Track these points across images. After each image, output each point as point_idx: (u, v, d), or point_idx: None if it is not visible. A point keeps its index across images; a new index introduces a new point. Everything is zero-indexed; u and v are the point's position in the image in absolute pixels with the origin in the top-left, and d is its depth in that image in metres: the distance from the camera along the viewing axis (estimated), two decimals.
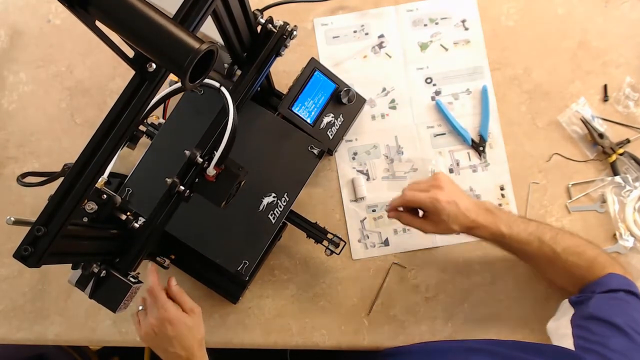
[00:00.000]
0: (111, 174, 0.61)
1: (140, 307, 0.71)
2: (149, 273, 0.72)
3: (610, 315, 0.61)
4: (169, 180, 0.59)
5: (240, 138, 0.76)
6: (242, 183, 0.63)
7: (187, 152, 0.58)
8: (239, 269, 0.73)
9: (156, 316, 0.67)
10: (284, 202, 0.75)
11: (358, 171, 0.88)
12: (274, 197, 0.75)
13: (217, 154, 0.58)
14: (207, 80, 0.58)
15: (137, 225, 0.61)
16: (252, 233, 0.74)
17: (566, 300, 0.70)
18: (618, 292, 0.65)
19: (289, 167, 0.76)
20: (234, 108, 0.57)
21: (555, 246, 0.70)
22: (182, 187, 0.59)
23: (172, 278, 0.72)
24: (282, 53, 0.68)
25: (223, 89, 0.58)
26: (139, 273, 0.63)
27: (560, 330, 0.65)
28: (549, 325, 0.71)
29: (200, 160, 0.59)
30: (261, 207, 0.75)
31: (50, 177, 0.69)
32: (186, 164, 0.60)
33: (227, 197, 0.61)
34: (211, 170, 0.58)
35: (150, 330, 0.68)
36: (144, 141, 0.76)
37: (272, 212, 0.75)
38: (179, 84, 0.63)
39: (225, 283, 0.82)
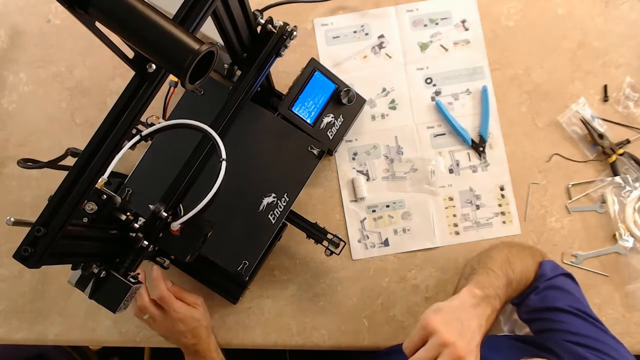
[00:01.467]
0: (111, 174, 0.60)
1: (146, 316, 0.75)
2: (156, 280, 0.74)
3: (554, 301, 0.64)
4: (132, 235, 0.57)
5: (240, 138, 0.76)
6: (209, 235, 0.62)
7: (151, 207, 0.57)
8: (238, 269, 0.73)
9: (168, 319, 0.73)
10: (284, 202, 0.75)
11: (358, 171, 0.88)
12: (274, 197, 0.75)
13: (190, 214, 0.56)
14: (219, 143, 0.57)
15: (137, 225, 0.60)
16: (252, 233, 0.74)
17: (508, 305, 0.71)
18: (554, 278, 0.68)
19: (289, 168, 0.76)
20: (223, 176, 0.57)
21: (515, 276, 0.66)
22: (145, 242, 0.58)
23: (167, 280, 0.75)
24: (282, 53, 0.68)
25: (224, 164, 0.57)
26: (138, 273, 0.63)
27: (519, 331, 0.67)
28: (505, 330, 0.72)
29: (164, 215, 0.57)
30: (261, 208, 0.75)
31: (53, 160, 0.69)
32: (150, 218, 0.58)
33: (192, 252, 0.59)
34: (175, 225, 0.57)
35: (164, 330, 0.75)
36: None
37: (272, 212, 0.75)
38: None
39: (225, 283, 0.82)
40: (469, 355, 0.55)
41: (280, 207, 0.75)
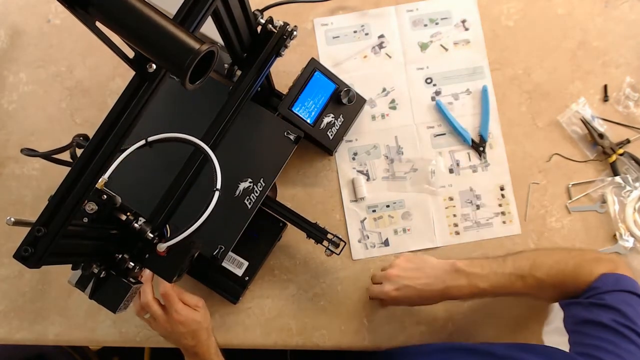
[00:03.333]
0: None
1: (147, 315, 0.74)
2: None
3: (598, 315, 0.62)
4: (119, 256, 0.57)
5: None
6: (196, 255, 0.62)
7: (137, 226, 0.57)
8: (214, 253, 0.72)
9: (169, 320, 0.73)
10: (260, 187, 0.75)
11: (358, 171, 0.88)
12: (250, 182, 0.75)
13: (177, 239, 0.56)
14: (218, 173, 0.57)
15: (137, 225, 0.60)
16: (228, 218, 0.73)
17: (556, 303, 0.70)
18: (609, 293, 0.64)
19: (266, 153, 0.76)
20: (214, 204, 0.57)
21: (538, 273, 0.68)
22: (131, 264, 0.57)
23: None
24: (282, 53, 0.68)
25: (217, 193, 0.57)
26: (139, 269, 0.63)
27: (555, 337, 0.66)
28: (544, 329, 0.71)
29: (150, 236, 0.57)
30: (237, 193, 0.74)
31: (59, 149, 0.69)
32: (135, 239, 0.58)
33: (178, 272, 0.59)
34: (162, 247, 0.56)
35: (164, 330, 0.74)
36: None
37: (248, 197, 0.74)
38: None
39: (225, 283, 0.82)
40: (390, 290, 0.73)
41: (257, 192, 0.75)
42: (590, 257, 0.70)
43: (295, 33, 0.67)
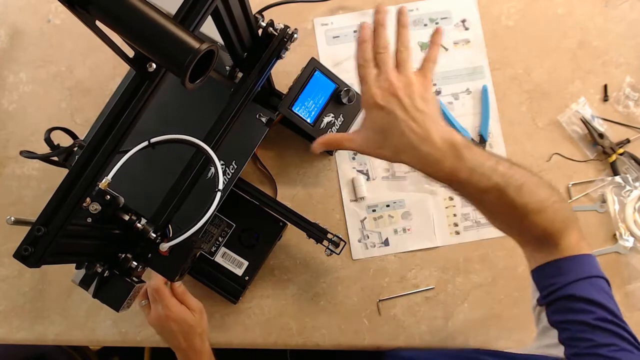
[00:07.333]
0: None
1: (143, 302, 0.74)
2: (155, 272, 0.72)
3: (582, 314, 0.58)
4: (122, 255, 0.57)
5: (189, 106, 0.75)
6: (198, 254, 0.62)
7: (139, 226, 0.57)
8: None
9: (160, 314, 0.72)
10: (232, 169, 0.75)
11: (358, 171, 0.88)
12: (222, 164, 0.74)
13: (180, 238, 0.56)
14: (220, 174, 0.58)
15: (139, 225, 0.60)
16: (200, 200, 0.73)
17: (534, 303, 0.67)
18: (591, 278, 0.59)
19: (238, 135, 0.76)
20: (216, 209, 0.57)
21: (519, 199, 0.55)
22: (134, 263, 0.57)
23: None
24: (283, 55, 0.68)
25: (219, 194, 0.58)
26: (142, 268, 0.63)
27: (545, 339, 0.64)
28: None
29: (153, 236, 0.57)
30: (209, 175, 0.74)
31: (60, 150, 0.69)
32: (138, 239, 0.58)
33: (181, 272, 0.59)
34: (165, 247, 0.56)
35: (156, 322, 0.73)
36: None
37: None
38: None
39: (225, 283, 0.82)
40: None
41: (229, 175, 0.75)
42: (568, 214, 0.59)
43: (295, 36, 0.67)
